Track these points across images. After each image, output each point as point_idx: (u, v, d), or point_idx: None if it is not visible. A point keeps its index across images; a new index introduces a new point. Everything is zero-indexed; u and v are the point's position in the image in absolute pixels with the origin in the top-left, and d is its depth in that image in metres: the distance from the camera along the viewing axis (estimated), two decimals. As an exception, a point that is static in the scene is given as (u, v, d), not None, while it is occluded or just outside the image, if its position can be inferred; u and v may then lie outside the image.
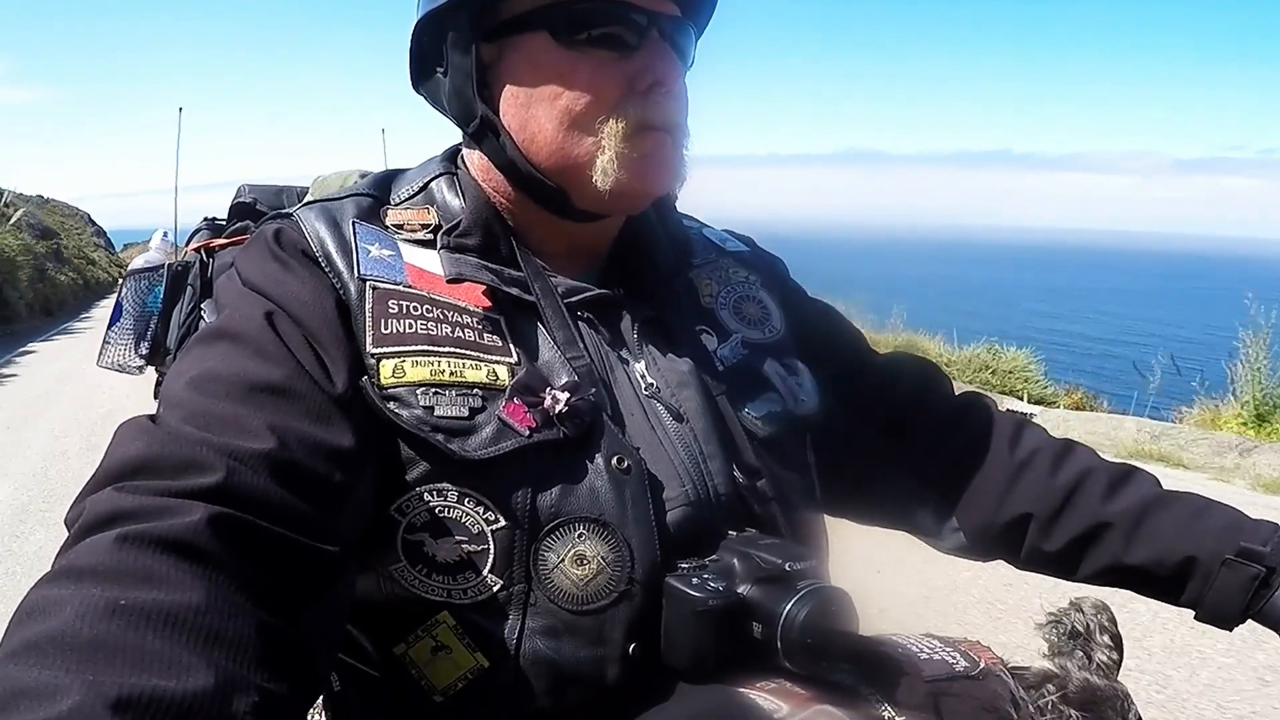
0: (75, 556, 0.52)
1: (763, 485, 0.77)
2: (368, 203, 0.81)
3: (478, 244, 0.78)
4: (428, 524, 0.68)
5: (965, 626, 3.19)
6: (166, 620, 0.47)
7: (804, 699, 0.62)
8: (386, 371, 0.69)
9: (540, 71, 0.74)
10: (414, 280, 0.75)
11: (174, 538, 0.52)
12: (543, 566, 0.68)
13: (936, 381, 0.96)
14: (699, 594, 0.66)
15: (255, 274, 0.74)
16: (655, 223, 0.87)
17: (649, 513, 0.71)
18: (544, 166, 0.76)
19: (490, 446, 0.68)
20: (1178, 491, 0.84)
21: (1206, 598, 0.78)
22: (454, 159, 0.85)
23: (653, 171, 0.75)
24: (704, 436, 0.76)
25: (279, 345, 0.67)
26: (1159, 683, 2.84)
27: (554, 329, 0.76)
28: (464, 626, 0.69)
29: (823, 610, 0.64)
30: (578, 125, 0.74)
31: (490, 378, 0.71)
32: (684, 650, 0.67)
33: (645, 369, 0.78)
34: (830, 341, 0.93)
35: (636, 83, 0.74)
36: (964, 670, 0.68)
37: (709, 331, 0.84)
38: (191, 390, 0.63)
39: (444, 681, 0.70)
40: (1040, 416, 7.08)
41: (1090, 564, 0.85)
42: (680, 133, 0.77)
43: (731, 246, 0.94)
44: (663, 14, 0.75)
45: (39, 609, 0.48)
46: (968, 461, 0.89)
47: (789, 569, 0.67)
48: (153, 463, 0.57)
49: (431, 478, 0.68)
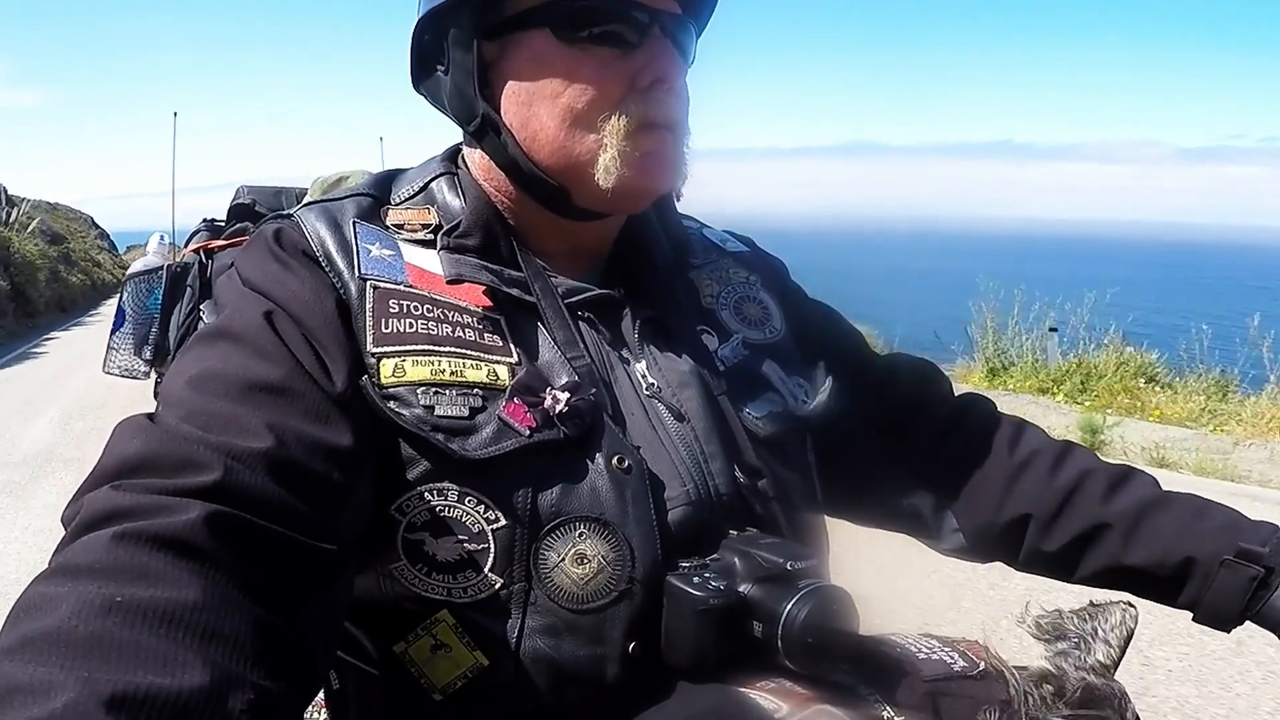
0: (72, 554, 0.52)
1: (764, 485, 0.77)
2: (368, 203, 0.81)
3: (478, 244, 0.78)
4: (428, 523, 0.68)
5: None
6: (162, 618, 0.47)
7: (803, 698, 0.63)
8: (387, 371, 0.69)
9: (542, 69, 0.74)
10: (414, 280, 0.75)
11: (171, 536, 0.51)
12: (543, 565, 0.68)
13: (936, 382, 0.96)
14: (700, 593, 0.66)
15: (255, 274, 0.74)
16: (655, 222, 0.87)
17: (650, 512, 0.71)
18: (546, 165, 0.76)
19: (490, 446, 0.68)
20: (1177, 492, 0.84)
21: (1205, 599, 0.79)
22: (454, 159, 0.85)
23: (655, 169, 0.76)
24: (705, 436, 0.76)
25: (278, 345, 0.67)
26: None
27: (554, 329, 0.76)
28: (464, 625, 0.69)
29: (824, 610, 0.64)
30: (580, 123, 0.74)
31: (490, 377, 0.71)
32: (684, 649, 0.67)
33: (646, 369, 0.78)
34: (830, 342, 0.93)
35: (638, 80, 0.74)
36: (962, 670, 0.68)
37: (710, 332, 0.84)
38: (190, 389, 0.63)
39: (443, 680, 0.70)
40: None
41: (1089, 565, 0.85)
42: (682, 130, 0.77)
43: (732, 247, 0.95)
44: (664, 11, 0.75)
45: (35, 606, 0.48)
46: (967, 462, 0.90)
47: (790, 568, 0.67)
48: (150, 461, 0.57)
49: (432, 477, 0.68)
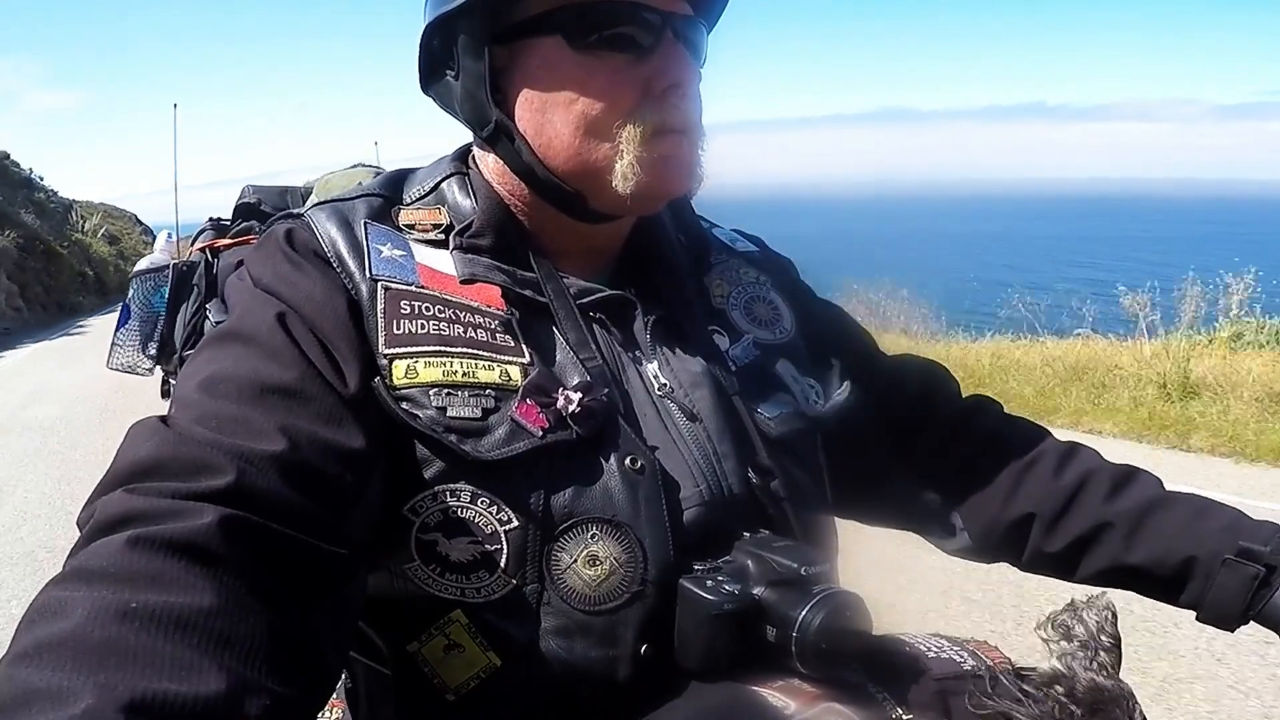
0: (86, 558, 0.52)
1: (776, 486, 0.77)
2: (379, 203, 0.80)
3: (490, 245, 0.78)
4: (441, 524, 0.68)
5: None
6: (177, 623, 0.48)
7: (812, 696, 0.63)
8: (399, 372, 0.69)
9: (555, 76, 0.74)
10: (426, 281, 0.75)
11: (185, 540, 0.52)
12: (556, 566, 0.68)
13: (944, 383, 0.96)
14: (713, 597, 0.66)
15: (267, 274, 0.74)
16: (667, 222, 0.87)
17: (662, 513, 0.71)
18: (561, 171, 0.75)
19: (503, 447, 0.68)
20: (1179, 492, 0.84)
21: (1207, 598, 0.79)
22: (465, 159, 0.84)
23: (672, 174, 0.75)
24: (718, 437, 0.76)
25: (290, 346, 0.67)
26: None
27: (566, 330, 0.76)
28: (477, 625, 0.69)
29: (838, 615, 0.64)
30: (594, 130, 0.73)
31: (503, 378, 0.71)
32: (696, 652, 0.67)
33: (658, 369, 0.78)
34: (839, 343, 0.93)
35: (652, 86, 0.73)
36: (972, 669, 0.68)
37: (721, 332, 0.83)
38: (202, 392, 0.63)
39: (456, 680, 0.70)
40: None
41: (1091, 565, 0.85)
42: (697, 133, 0.77)
43: (742, 247, 0.94)
44: (676, 14, 0.74)
45: (50, 610, 0.48)
46: (973, 463, 0.90)
47: (804, 573, 0.67)
48: (164, 464, 0.57)
49: (444, 478, 0.68)
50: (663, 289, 0.82)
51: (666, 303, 0.81)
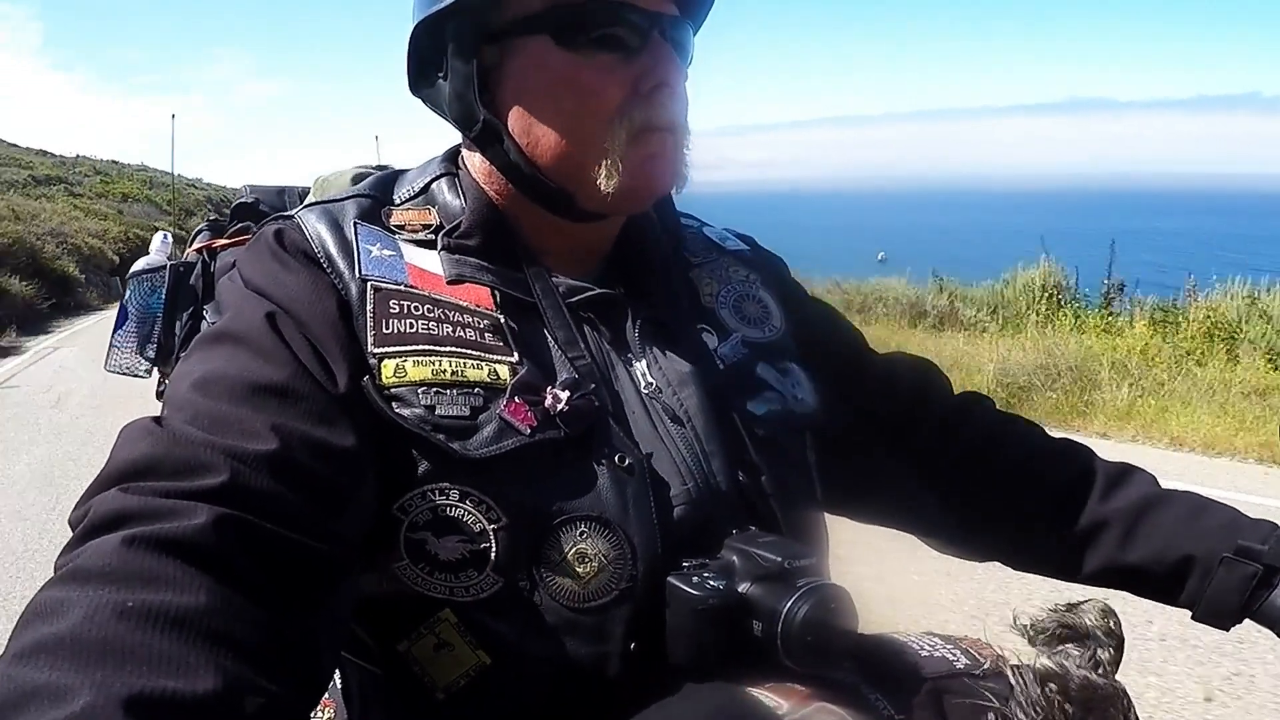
0: (82, 558, 0.52)
1: (764, 483, 0.77)
2: (369, 203, 0.81)
3: (478, 245, 0.78)
4: (430, 523, 0.68)
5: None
6: (174, 622, 0.48)
7: (805, 696, 0.62)
8: (388, 371, 0.69)
9: (543, 76, 0.74)
10: (415, 280, 0.75)
11: (180, 539, 0.52)
12: (545, 565, 0.69)
13: (936, 381, 0.96)
14: (698, 592, 0.66)
15: (257, 275, 0.74)
16: (656, 222, 0.87)
17: (651, 511, 0.71)
18: (549, 170, 0.76)
19: (491, 446, 0.69)
20: (1176, 490, 0.84)
21: (1204, 597, 0.78)
22: (454, 159, 0.85)
23: (658, 172, 0.76)
24: (705, 435, 0.76)
25: (281, 346, 0.68)
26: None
27: (555, 329, 0.76)
28: (466, 624, 0.69)
29: (823, 607, 0.64)
30: (582, 129, 0.74)
31: (491, 377, 0.71)
32: (684, 648, 0.67)
33: (646, 368, 0.78)
34: (830, 341, 0.93)
35: (640, 85, 0.74)
36: (965, 668, 0.67)
37: (709, 330, 0.84)
38: (195, 392, 0.64)
39: (446, 679, 0.70)
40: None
41: (1088, 564, 0.85)
42: (682, 132, 0.77)
43: (732, 245, 0.94)
44: (663, 14, 0.75)
45: (47, 610, 0.49)
46: (966, 461, 0.90)
47: (788, 566, 0.67)
48: (157, 464, 0.58)
49: (433, 477, 0.68)
50: (651, 288, 0.82)
51: (655, 301, 0.82)
